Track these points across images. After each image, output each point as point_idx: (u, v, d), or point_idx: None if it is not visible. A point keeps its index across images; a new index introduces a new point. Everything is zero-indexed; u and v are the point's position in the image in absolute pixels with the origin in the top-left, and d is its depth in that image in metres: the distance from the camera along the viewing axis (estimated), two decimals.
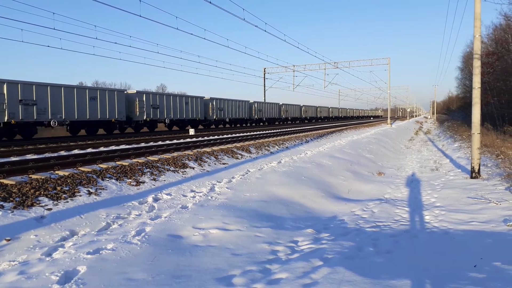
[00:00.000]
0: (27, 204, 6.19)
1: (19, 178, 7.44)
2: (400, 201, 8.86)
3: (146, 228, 5.54)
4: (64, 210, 6.29)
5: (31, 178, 7.47)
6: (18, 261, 4.32)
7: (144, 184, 8.45)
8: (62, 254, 4.48)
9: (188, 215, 6.40)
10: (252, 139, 19.06)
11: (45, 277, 3.74)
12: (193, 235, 5.43)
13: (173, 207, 6.98)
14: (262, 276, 4.05)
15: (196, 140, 19.02)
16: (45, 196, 6.65)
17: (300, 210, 7.72)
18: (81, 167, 8.84)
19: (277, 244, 5.27)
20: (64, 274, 3.82)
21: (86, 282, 3.65)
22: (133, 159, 10.50)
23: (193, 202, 7.30)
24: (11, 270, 4.00)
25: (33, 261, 4.30)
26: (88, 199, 6.93)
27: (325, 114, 71.64)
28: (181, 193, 8.15)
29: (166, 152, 12.35)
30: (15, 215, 5.75)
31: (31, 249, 4.71)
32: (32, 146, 14.58)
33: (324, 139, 23.06)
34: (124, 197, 7.41)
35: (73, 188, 7.25)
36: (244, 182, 9.15)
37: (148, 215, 6.36)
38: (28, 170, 8.07)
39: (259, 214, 6.89)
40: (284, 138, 20.40)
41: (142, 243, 4.85)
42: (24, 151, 12.69)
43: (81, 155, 11.29)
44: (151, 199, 7.46)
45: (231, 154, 13.31)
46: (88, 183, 7.65)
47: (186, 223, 5.91)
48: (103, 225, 5.76)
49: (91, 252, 4.44)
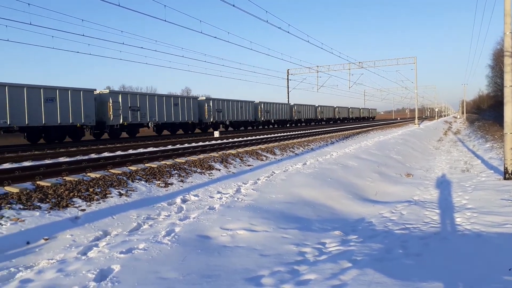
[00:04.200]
0: (62, 205, 6.44)
1: (54, 180, 7.75)
2: (430, 203, 8.68)
3: (176, 228, 5.66)
4: (96, 211, 6.51)
5: (65, 180, 7.76)
6: (56, 259, 4.51)
7: (172, 186, 8.63)
8: (96, 253, 4.65)
9: (216, 216, 6.50)
10: (276, 140, 19.08)
11: (82, 275, 3.90)
12: (221, 236, 5.51)
13: (200, 208, 7.10)
14: (291, 277, 4.08)
15: (221, 142, 19.22)
16: (78, 197, 6.90)
17: (326, 212, 7.69)
18: (111, 169, 9.11)
19: (305, 246, 5.28)
20: (100, 272, 3.97)
21: (120, 281, 3.78)
22: (161, 161, 10.73)
23: (220, 204, 7.40)
24: (50, 268, 4.18)
25: (70, 259, 4.48)
26: (119, 200, 7.15)
27: (345, 115, 68.48)
28: (208, 194, 8.27)
29: (192, 154, 12.55)
30: (52, 215, 6.00)
31: (68, 248, 4.91)
32: (64, 149, 15.12)
33: (349, 140, 22.82)
34: (154, 199, 7.60)
35: (105, 189, 7.49)
36: (270, 184, 9.18)
37: (177, 216, 6.50)
38: (62, 172, 8.39)
39: (286, 215, 6.91)
40: (309, 140, 20.32)
41: (172, 243, 4.96)
42: (57, 154, 13.19)
43: (111, 158, 11.63)
44: (180, 200, 7.61)
45: (256, 156, 13.38)
46: (119, 185, 7.88)
47: (214, 224, 6.00)
48: (134, 226, 5.92)
49: (124, 252, 4.58)
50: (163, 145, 17.46)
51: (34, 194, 6.62)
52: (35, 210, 6.05)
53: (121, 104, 24.17)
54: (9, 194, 6.52)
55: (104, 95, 23.77)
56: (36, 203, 6.32)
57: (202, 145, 16.91)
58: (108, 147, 15.97)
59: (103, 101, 23.60)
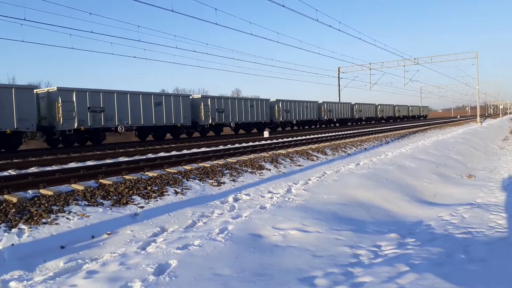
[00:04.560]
0: (123, 202, 6.81)
1: (115, 178, 8.20)
2: (495, 206, 8.10)
3: (229, 226, 5.76)
4: (154, 208, 6.80)
5: (125, 179, 8.19)
6: (118, 253, 4.78)
7: (225, 185, 8.79)
8: (155, 248, 4.86)
9: (267, 215, 6.53)
10: (327, 140, 18.79)
11: (142, 268, 4.10)
12: (273, 235, 5.52)
13: (252, 207, 7.17)
14: (345, 279, 4.00)
15: (270, 142, 19.27)
16: (137, 195, 7.25)
17: (381, 214, 7.45)
18: (167, 169, 9.48)
19: (359, 248, 5.15)
20: (158, 267, 4.14)
21: (177, 275, 3.92)
22: (213, 161, 10.98)
23: (271, 203, 7.43)
24: (113, 261, 4.44)
25: (130, 253, 4.72)
26: (175, 198, 7.41)
27: (405, 113, 67.62)
28: (259, 194, 8.34)
29: (243, 154, 12.71)
30: (113, 212, 6.36)
31: (128, 243, 5.18)
32: (123, 150, 15.96)
33: (405, 139, 21.92)
34: (207, 197, 7.80)
35: (162, 188, 7.81)
36: (321, 184, 9.07)
37: (230, 214, 6.62)
38: (122, 171, 8.86)
39: (338, 217, 6.78)
40: (362, 139, 19.78)
41: (226, 240, 5.06)
42: (117, 154, 13.96)
43: (166, 158, 12.09)
44: (232, 199, 7.74)
45: (306, 156, 13.27)
46: (174, 183, 8.18)
47: (265, 223, 6.04)
48: (190, 223, 6.12)
49: (180, 248, 4.75)
50: (215, 145, 17.85)
51: (97, 192, 7.06)
52: (99, 207, 6.45)
53: (210, 106, 27.60)
54: (75, 191, 7.00)
55: (197, 99, 27.38)
56: (99, 200, 6.74)
57: (252, 145, 17.07)
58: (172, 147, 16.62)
59: (196, 104, 27.12)
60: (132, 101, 22.16)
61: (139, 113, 22.52)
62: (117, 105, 21.37)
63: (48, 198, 6.49)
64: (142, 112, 22.68)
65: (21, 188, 7.04)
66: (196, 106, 27.06)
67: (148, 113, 23.02)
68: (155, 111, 23.40)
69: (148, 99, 23.16)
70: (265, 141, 20.70)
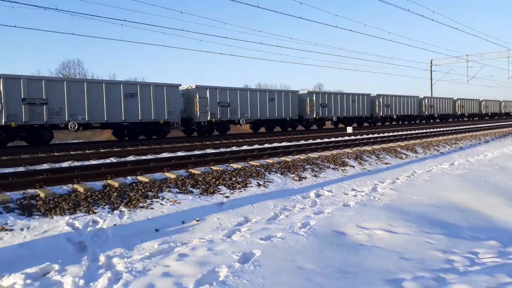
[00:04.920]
0: (210, 191, 7.16)
1: (203, 168, 8.65)
2: None
3: (310, 221, 5.74)
4: (238, 198, 7.04)
5: (212, 169, 8.58)
6: (206, 239, 5.04)
7: (306, 180, 8.76)
8: (239, 237, 5.03)
9: (351, 213, 6.37)
10: (418, 137, 17.65)
11: (228, 255, 4.27)
12: (357, 234, 5.37)
13: (334, 204, 7.05)
14: (437, 285, 3.74)
15: (354, 138, 18.67)
16: (223, 185, 7.57)
17: (479, 219, 6.80)
18: (250, 161, 9.72)
19: (452, 254, 4.77)
20: (243, 255, 4.29)
21: (261, 265, 4.02)
22: (295, 156, 10.99)
23: (355, 201, 7.23)
24: (201, 246, 4.70)
25: (217, 240, 4.95)
26: (258, 190, 7.58)
27: None
28: (342, 191, 8.16)
29: (325, 150, 12.52)
30: (202, 200, 6.72)
31: (215, 230, 5.43)
32: (209, 142, 16.75)
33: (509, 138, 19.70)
34: (288, 191, 7.84)
35: (245, 179, 8.05)
36: (410, 184, 8.57)
37: (312, 210, 6.58)
38: (209, 162, 9.31)
39: (429, 219, 6.35)
40: (457, 137, 18.23)
41: (308, 235, 5.05)
42: (204, 146, 14.70)
43: (249, 151, 12.41)
44: (313, 194, 7.69)
45: (394, 154, 12.63)
46: (257, 176, 8.37)
47: (349, 221, 5.89)
48: (272, 215, 6.21)
49: (263, 238, 4.85)
50: (296, 140, 17.84)
51: (187, 180, 7.51)
52: (188, 194, 6.87)
53: (315, 101, 29.21)
54: (167, 179, 7.54)
55: (303, 95, 29.07)
56: (189, 188, 7.17)
57: (334, 140, 16.73)
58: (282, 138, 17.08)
59: (302, 100, 28.78)
60: (251, 97, 25.01)
61: (256, 108, 25.24)
62: (240, 100, 24.25)
63: (144, 184, 7.08)
64: (259, 107, 25.41)
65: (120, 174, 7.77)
66: (302, 101, 28.79)
67: (263, 108, 25.72)
68: (269, 106, 26.02)
69: (263, 95, 25.98)
70: (348, 136, 20.14)
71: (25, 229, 5.03)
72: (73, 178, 7.10)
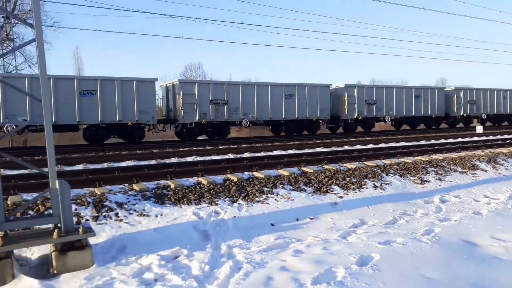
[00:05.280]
0: (323, 190, 7.10)
1: (315, 167, 8.62)
2: None
3: (435, 229, 5.28)
4: (353, 199, 6.84)
5: (324, 168, 8.50)
6: (320, 238, 5.02)
7: (429, 183, 8.09)
8: (355, 239, 4.89)
9: (483, 222, 5.69)
10: None
11: (344, 256, 4.19)
12: (491, 246, 4.76)
13: (463, 211, 6.37)
14: None
15: (486, 139, 16.58)
16: (336, 185, 7.44)
17: None
18: (365, 162, 9.36)
19: None
20: (360, 258, 4.15)
21: (380, 269, 3.84)
22: (415, 157, 10.23)
23: (487, 209, 6.44)
24: (316, 244, 4.69)
25: (331, 240, 4.89)
26: (374, 192, 7.26)
27: None
28: (471, 197, 7.33)
29: (451, 151, 11.39)
30: (314, 198, 6.71)
31: (329, 230, 5.37)
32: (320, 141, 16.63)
33: None
34: (408, 195, 7.34)
35: (360, 180, 7.78)
36: None
37: (436, 216, 6.05)
38: (322, 161, 9.24)
39: None
40: None
41: (433, 243, 4.66)
42: (315, 145, 14.66)
43: (363, 150, 11.97)
44: (437, 199, 7.06)
45: None
46: (373, 177, 8.02)
47: (481, 231, 5.26)
48: (390, 219, 5.89)
49: (382, 243, 4.63)
50: (416, 140, 16.60)
51: (300, 178, 7.58)
52: (301, 192, 6.92)
53: (462, 98, 28.12)
54: (281, 176, 7.70)
55: (450, 91, 28.34)
56: (302, 186, 7.22)
57: (462, 141, 15.11)
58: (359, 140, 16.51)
59: (449, 96, 28.05)
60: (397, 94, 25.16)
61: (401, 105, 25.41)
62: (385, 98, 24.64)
63: (260, 180, 7.36)
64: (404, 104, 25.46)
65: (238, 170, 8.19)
66: (449, 98, 28.03)
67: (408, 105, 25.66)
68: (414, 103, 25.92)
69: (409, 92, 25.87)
70: (478, 137, 17.99)
71: (158, 215, 5.65)
72: (197, 172, 7.75)
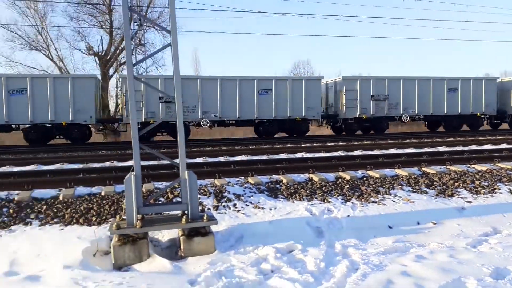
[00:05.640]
0: (448, 193, 6.49)
1: (438, 168, 7.92)
2: None
3: None
4: (483, 205, 6.12)
5: (449, 170, 7.76)
6: (445, 244, 4.60)
7: None
8: (488, 249, 4.37)
9: None
10: None
11: (475, 267, 3.78)
12: None
13: None
14: None
15: None
16: (463, 188, 6.73)
17: None
18: (499, 163, 8.27)
19: None
20: (495, 270, 3.71)
21: None
22: None
23: None
24: (441, 251, 4.32)
25: (458, 248, 4.44)
26: (510, 198, 6.39)
27: None
28: None
29: None
30: (438, 202, 6.18)
31: (455, 237, 4.89)
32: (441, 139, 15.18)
33: None
34: None
35: (492, 184, 6.91)
36: None
37: None
38: (446, 161, 8.45)
39: None
40: None
41: None
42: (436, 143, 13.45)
43: (496, 151, 10.59)
44: None
45: None
46: (509, 181, 7.06)
47: None
48: None
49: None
50: None
51: (421, 179, 7.05)
52: (423, 194, 6.43)
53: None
54: (399, 176, 7.26)
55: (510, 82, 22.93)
56: (423, 187, 6.70)
57: None
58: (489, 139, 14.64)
59: None
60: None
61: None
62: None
63: (375, 179, 7.05)
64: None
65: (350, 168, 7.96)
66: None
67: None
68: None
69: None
70: None
71: (272, 209, 5.82)
72: (308, 168, 7.76)
